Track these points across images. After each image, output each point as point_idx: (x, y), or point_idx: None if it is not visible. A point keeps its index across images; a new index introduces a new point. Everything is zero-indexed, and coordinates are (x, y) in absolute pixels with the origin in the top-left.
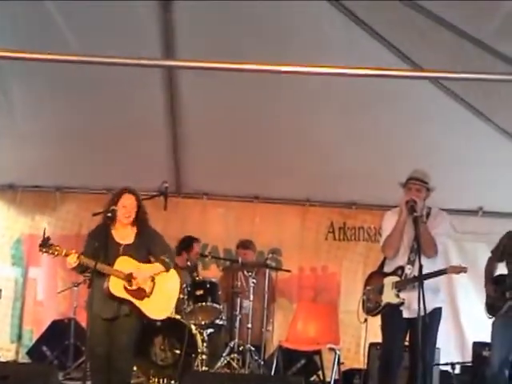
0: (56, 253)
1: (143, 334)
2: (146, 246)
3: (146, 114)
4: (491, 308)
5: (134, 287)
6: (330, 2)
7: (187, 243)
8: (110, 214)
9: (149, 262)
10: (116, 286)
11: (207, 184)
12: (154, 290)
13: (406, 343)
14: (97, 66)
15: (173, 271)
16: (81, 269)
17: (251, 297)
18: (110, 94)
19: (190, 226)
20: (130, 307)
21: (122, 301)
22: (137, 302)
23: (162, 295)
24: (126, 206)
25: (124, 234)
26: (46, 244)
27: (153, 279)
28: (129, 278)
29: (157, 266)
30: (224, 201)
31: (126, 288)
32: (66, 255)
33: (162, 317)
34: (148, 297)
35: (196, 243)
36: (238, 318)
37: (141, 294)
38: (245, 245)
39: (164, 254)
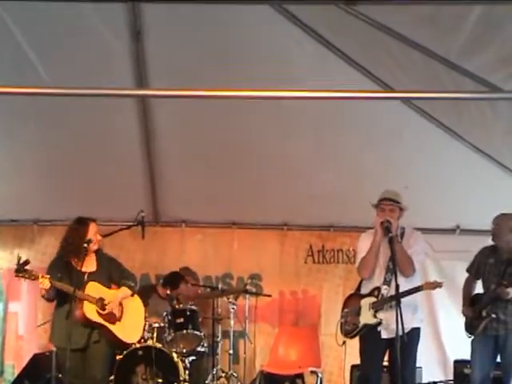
0: (32, 277)
1: (125, 364)
2: (108, 273)
3: (121, 144)
4: (470, 327)
5: (107, 311)
6: (300, 28)
7: (175, 280)
8: (85, 245)
9: (110, 287)
10: (90, 311)
11: (185, 212)
12: (124, 314)
13: (387, 363)
14: (69, 98)
15: (135, 295)
16: (48, 296)
17: (232, 323)
18: (83, 125)
19: (169, 255)
20: (102, 332)
21: (96, 326)
22: (110, 327)
23: (132, 319)
24: (97, 233)
25: (86, 262)
26: (21, 269)
27: (120, 303)
28: (100, 302)
29: (125, 291)
30: (202, 228)
31: (98, 312)
32: (42, 278)
33: (135, 340)
34: (119, 321)
35: (184, 284)
36: (219, 345)
37: (112, 318)
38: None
39: (125, 278)
